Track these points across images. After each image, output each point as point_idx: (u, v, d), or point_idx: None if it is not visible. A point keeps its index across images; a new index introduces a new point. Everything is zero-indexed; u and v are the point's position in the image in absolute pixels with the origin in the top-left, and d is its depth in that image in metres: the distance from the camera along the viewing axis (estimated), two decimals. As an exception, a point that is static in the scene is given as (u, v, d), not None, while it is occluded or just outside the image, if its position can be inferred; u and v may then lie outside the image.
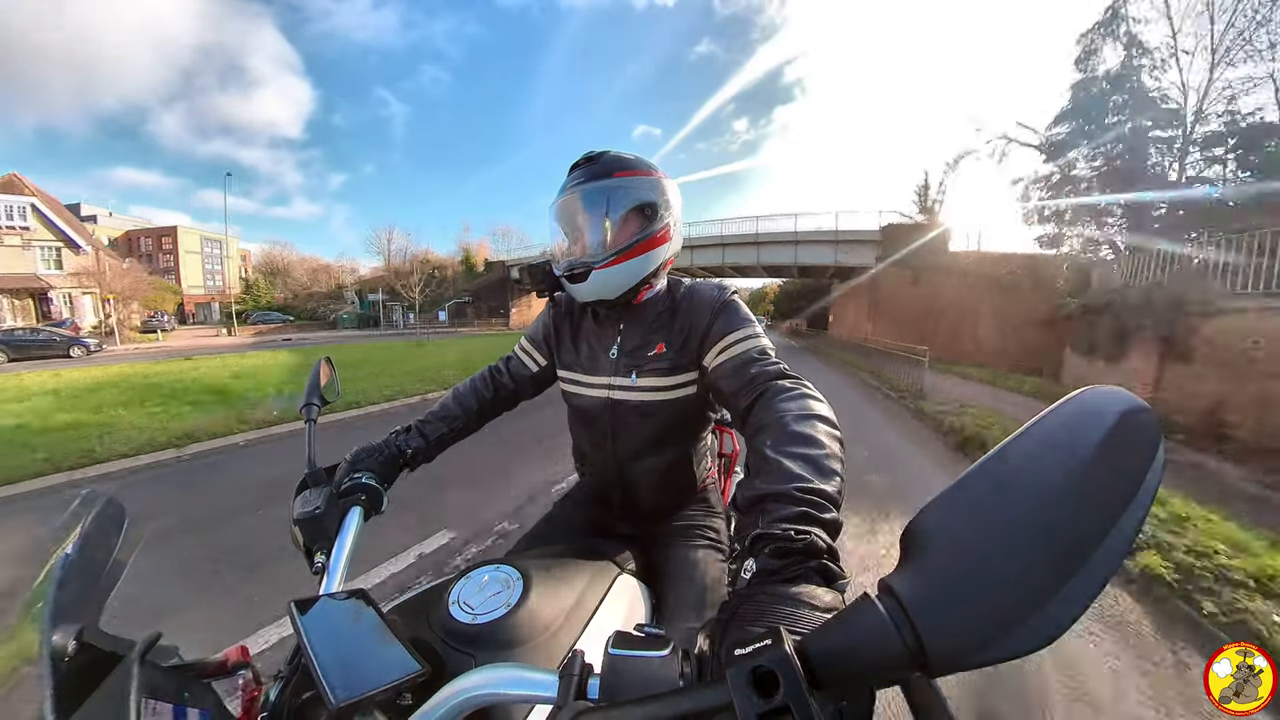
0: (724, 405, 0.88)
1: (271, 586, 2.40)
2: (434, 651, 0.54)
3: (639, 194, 0.89)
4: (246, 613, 2.19)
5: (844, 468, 0.57)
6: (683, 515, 1.01)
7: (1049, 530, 0.27)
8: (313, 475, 0.84)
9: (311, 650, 0.45)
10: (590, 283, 0.89)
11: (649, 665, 0.37)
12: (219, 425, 5.34)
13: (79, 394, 7.52)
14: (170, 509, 3.38)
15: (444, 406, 1.06)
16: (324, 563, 0.71)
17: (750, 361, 0.80)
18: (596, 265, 0.88)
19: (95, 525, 0.49)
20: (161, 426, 5.28)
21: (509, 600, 0.61)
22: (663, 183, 0.92)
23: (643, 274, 0.91)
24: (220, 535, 2.99)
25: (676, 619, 0.78)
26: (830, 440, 0.59)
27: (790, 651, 0.30)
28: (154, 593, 2.18)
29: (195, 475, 4.25)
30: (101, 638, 0.45)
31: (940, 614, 0.28)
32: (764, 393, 0.72)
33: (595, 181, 0.88)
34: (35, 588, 0.43)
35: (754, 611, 0.38)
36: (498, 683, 0.43)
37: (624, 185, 0.89)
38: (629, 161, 0.91)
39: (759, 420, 0.68)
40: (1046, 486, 0.28)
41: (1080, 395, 0.30)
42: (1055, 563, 0.26)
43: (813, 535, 0.44)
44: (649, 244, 0.89)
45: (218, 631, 2.09)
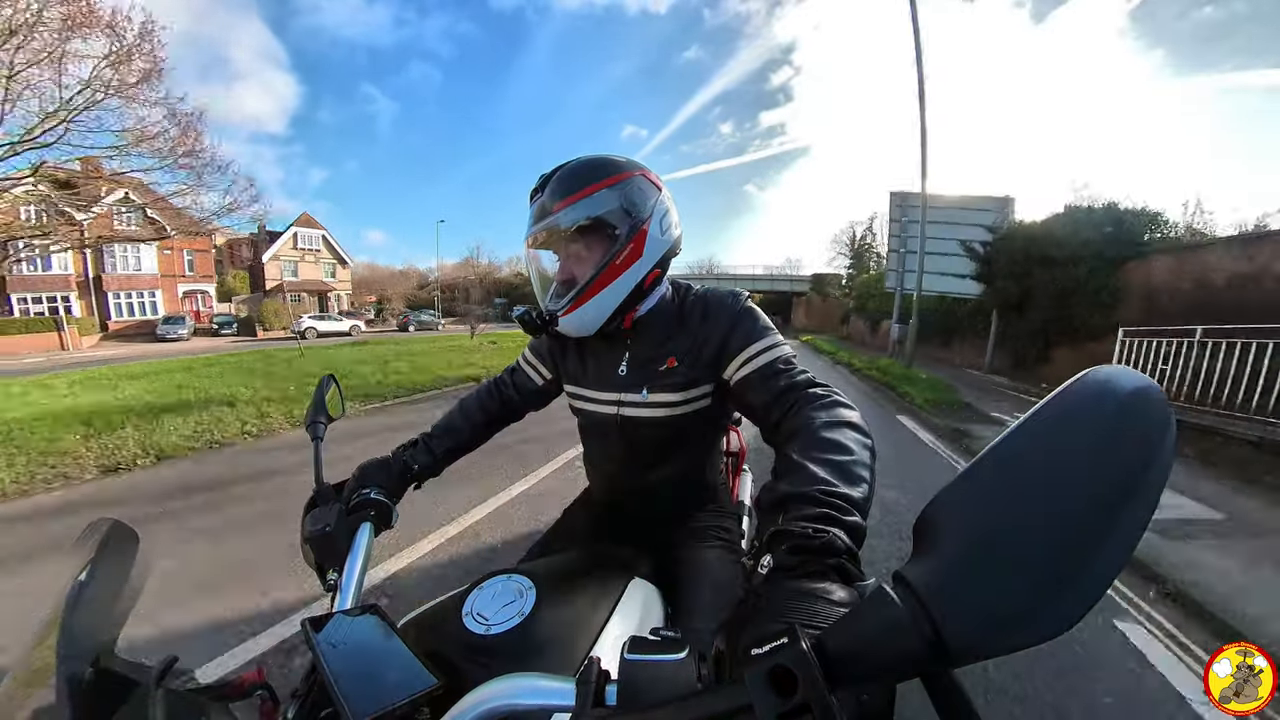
0: (751, 419, 0.83)
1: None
2: (450, 664, 0.54)
3: (593, 215, 0.79)
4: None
5: (873, 476, 0.55)
6: (693, 516, 1.00)
7: (1062, 513, 0.27)
8: (321, 493, 0.84)
9: (328, 667, 0.45)
10: (565, 326, 0.86)
11: (666, 669, 0.37)
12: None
13: (400, 355, 13.05)
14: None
15: (449, 420, 1.06)
16: (336, 579, 0.71)
17: (777, 373, 0.77)
18: (560, 312, 0.84)
19: (107, 551, 0.49)
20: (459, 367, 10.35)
21: (522, 609, 0.61)
22: (630, 184, 0.82)
23: (618, 301, 0.83)
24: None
25: (692, 621, 0.77)
26: (860, 448, 0.58)
27: (807, 649, 0.29)
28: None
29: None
30: (118, 663, 0.45)
31: (957, 603, 0.27)
32: (794, 404, 0.71)
33: (543, 221, 0.81)
34: (49, 616, 0.43)
35: (770, 610, 0.38)
36: (515, 693, 0.43)
37: (571, 212, 0.79)
38: (581, 177, 0.81)
39: (789, 429, 0.67)
40: (1057, 469, 0.28)
41: (1086, 376, 0.30)
42: (1070, 546, 0.26)
43: (832, 534, 0.43)
44: (615, 270, 0.81)
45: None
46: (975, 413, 6.73)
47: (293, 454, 4.62)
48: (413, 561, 2.60)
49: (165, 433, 4.85)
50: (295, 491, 3.51)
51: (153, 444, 4.53)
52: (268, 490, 3.74)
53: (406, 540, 2.75)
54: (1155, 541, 2.78)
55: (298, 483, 3.79)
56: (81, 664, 0.41)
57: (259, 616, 2.12)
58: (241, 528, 3.05)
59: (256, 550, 2.72)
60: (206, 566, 2.55)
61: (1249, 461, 4.36)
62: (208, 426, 5.17)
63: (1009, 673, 1.78)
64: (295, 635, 1.96)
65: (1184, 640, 2.06)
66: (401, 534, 2.73)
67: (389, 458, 0.94)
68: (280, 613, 2.13)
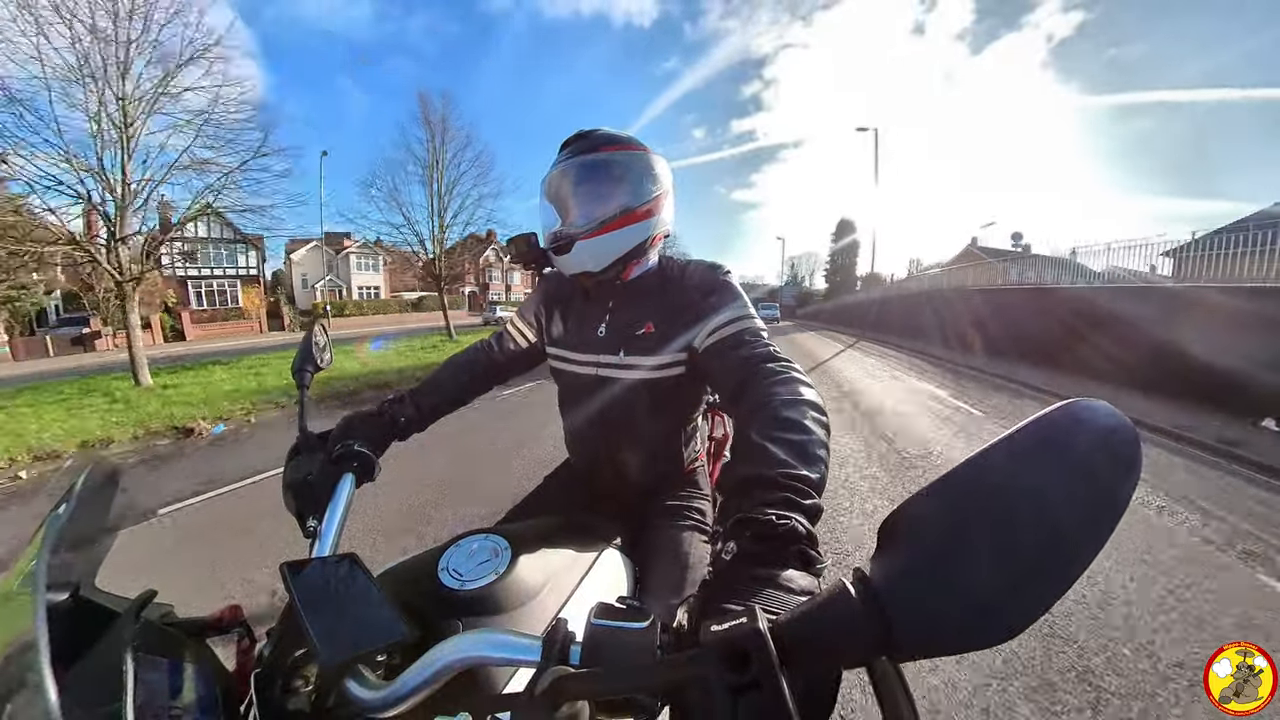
0: (713, 386, 0.88)
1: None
2: (423, 616, 0.56)
3: (625, 167, 0.90)
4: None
5: (829, 454, 0.57)
6: (670, 495, 1.02)
7: (1021, 532, 0.28)
8: (305, 440, 0.84)
9: (303, 611, 0.46)
10: (574, 253, 0.90)
11: (628, 636, 0.38)
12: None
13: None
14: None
15: (436, 378, 1.07)
16: (316, 527, 0.72)
17: (741, 343, 0.80)
18: (580, 236, 0.88)
19: (89, 489, 0.49)
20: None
21: (497, 568, 0.63)
22: (650, 158, 0.93)
23: (628, 247, 0.90)
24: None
25: (658, 595, 0.80)
26: (817, 427, 0.59)
27: (763, 630, 0.31)
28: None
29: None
30: (97, 595, 0.46)
31: (909, 604, 0.29)
32: (752, 375, 0.72)
33: (582, 156, 0.89)
34: (28, 549, 0.44)
35: (732, 591, 0.39)
36: (483, 645, 0.44)
37: (610, 159, 0.89)
38: (617, 137, 0.92)
39: (747, 403, 0.68)
40: (1023, 490, 0.29)
41: (1066, 406, 0.30)
42: (1023, 564, 0.27)
43: (794, 521, 0.45)
44: (634, 217, 0.89)
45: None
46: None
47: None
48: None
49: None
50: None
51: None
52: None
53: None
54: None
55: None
56: (59, 594, 0.42)
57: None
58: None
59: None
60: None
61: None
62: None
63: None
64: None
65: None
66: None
67: (375, 410, 0.95)
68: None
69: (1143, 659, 1.94)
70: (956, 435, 5.26)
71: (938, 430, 5.44)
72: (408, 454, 1.69)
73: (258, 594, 2.31)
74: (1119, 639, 2.06)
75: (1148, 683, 1.82)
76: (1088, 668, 1.90)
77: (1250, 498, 3.74)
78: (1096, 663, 1.92)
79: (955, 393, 7.82)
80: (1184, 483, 3.99)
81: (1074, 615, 2.20)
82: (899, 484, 3.81)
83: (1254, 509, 3.50)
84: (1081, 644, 2.02)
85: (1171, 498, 3.63)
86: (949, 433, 5.35)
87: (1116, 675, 1.86)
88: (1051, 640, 2.04)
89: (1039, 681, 1.82)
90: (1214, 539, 3.00)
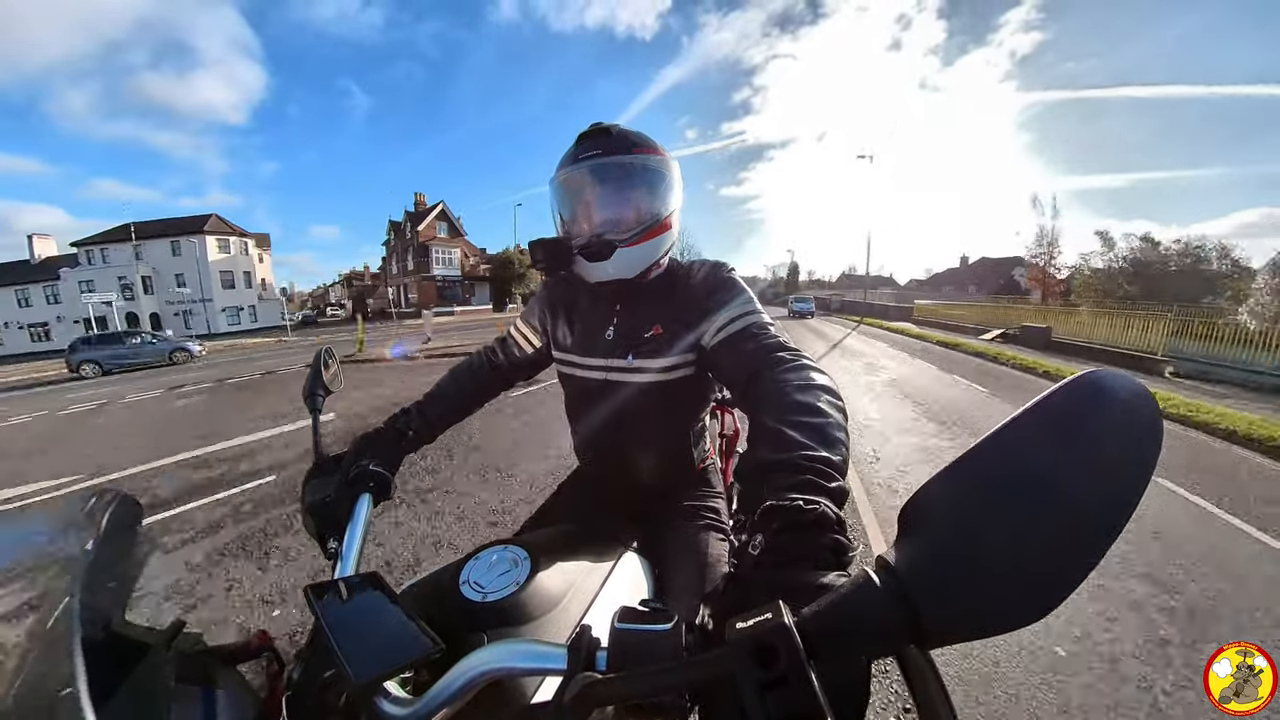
0: (724, 383, 0.85)
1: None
2: (446, 630, 0.56)
3: (659, 174, 0.88)
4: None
5: (848, 439, 0.55)
6: (685, 495, 1.01)
7: (1044, 510, 0.27)
8: (320, 463, 0.85)
9: (330, 632, 0.47)
10: (614, 261, 0.86)
11: (653, 638, 0.38)
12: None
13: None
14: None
15: (441, 388, 1.07)
16: (337, 548, 0.73)
17: (749, 337, 0.78)
18: (621, 243, 0.85)
19: (113, 523, 0.50)
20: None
21: (517, 579, 0.63)
22: (672, 163, 0.91)
23: (659, 254, 0.90)
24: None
25: (679, 595, 0.80)
26: (834, 410, 0.58)
27: (790, 624, 0.30)
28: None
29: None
30: (129, 628, 0.47)
31: (935, 589, 0.28)
32: (764, 366, 0.71)
33: (614, 156, 0.85)
34: (61, 588, 0.44)
35: (756, 586, 0.39)
36: (509, 656, 0.44)
37: (644, 163, 0.86)
38: (644, 139, 0.89)
39: (759, 394, 0.66)
40: (1043, 466, 0.28)
41: (1081, 378, 0.30)
42: (1049, 541, 0.27)
43: (822, 506, 0.42)
44: (665, 225, 0.89)
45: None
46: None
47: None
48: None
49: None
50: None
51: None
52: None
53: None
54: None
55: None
56: (95, 630, 0.42)
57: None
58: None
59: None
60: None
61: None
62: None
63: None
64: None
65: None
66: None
67: (384, 427, 0.95)
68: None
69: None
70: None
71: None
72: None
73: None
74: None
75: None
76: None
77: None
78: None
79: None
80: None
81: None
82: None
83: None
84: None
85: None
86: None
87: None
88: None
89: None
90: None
